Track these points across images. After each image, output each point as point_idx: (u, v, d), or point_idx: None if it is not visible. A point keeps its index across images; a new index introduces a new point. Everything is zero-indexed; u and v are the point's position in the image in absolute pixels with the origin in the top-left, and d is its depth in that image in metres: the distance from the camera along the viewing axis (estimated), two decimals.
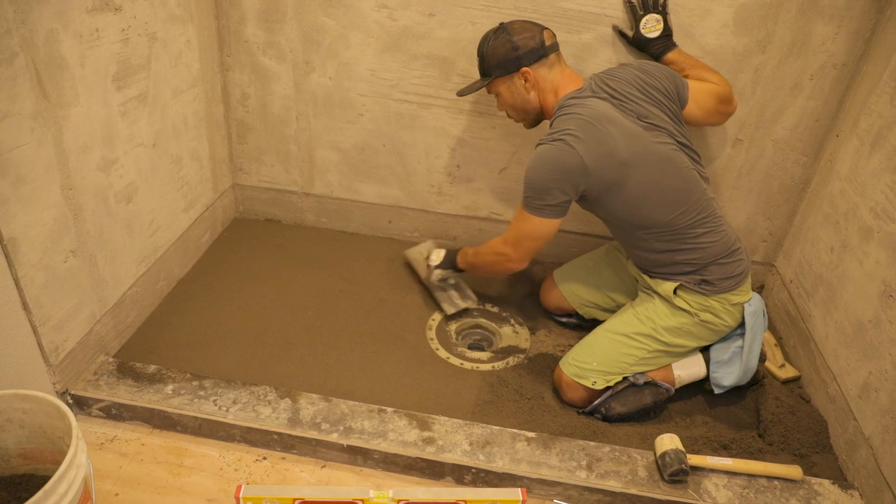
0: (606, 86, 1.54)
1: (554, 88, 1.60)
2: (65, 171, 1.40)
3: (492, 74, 1.63)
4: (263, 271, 2.10)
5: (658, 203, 1.52)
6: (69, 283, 1.48)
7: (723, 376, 1.64)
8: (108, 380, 1.58)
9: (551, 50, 1.59)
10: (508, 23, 1.62)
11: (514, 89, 1.63)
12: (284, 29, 1.98)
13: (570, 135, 1.47)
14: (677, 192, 1.52)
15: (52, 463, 1.26)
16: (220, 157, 2.17)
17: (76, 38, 1.38)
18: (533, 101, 1.63)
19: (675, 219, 1.53)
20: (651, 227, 1.55)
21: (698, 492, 1.43)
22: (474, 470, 1.45)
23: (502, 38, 1.59)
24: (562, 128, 1.49)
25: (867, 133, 1.69)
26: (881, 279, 1.54)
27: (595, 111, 1.49)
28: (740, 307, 1.60)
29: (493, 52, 1.60)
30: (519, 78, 1.60)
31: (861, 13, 1.70)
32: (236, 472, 1.46)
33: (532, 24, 1.60)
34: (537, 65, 1.58)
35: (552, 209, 1.53)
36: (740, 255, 1.60)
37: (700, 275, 1.57)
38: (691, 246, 1.56)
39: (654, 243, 1.58)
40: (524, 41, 1.57)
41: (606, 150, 1.46)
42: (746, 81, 1.84)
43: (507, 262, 1.67)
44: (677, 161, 1.52)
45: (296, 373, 1.71)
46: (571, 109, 1.51)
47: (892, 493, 1.37)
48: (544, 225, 1.56)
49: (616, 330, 1.65)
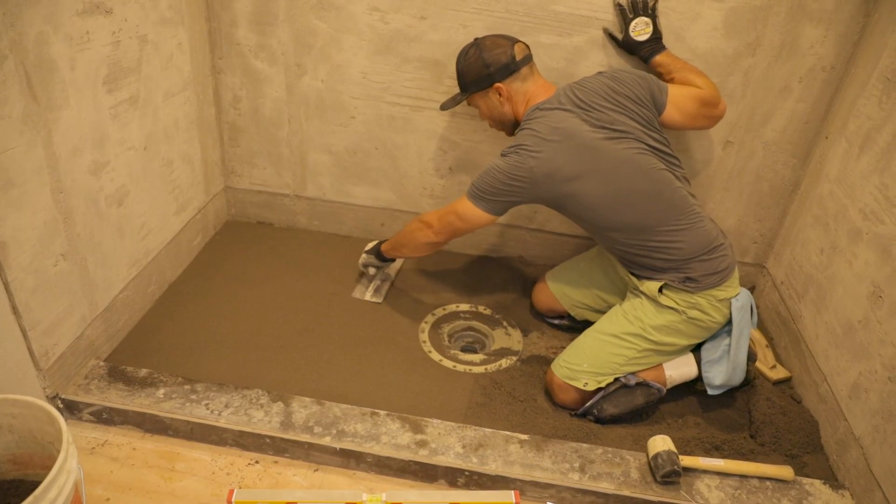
0: (574, 96, 1.59)
1: (526, 99, 1.67)
2: (55, 175, 1.40)
3: (468, 90, 1.71)
4: (255, 274, 2.09)
5: (622, 206, 1.56)
6: (59, 287, 1.47)
7: (714, 375, 1.65)
8: (98, 384, 1.57)
9: (523, 64, 1.65)
10: (482, 39, 1.68)
11: (490, 103, 1.70)
12: (276, 32, 1.97)
13: (524, 149, 1.55)
14: (643, 194, 1.55)
15: (43, 468, 1.25)
16: (211, 160, 2.16)
17: (66, 40, 1.37)
18: (508, 113, 1.70)
19: (643, 219, 1.57)
20: (619, 228, 1.60)
21: (690, 493, 1.43)
22: (467, 473, 1.44)
23: (474, 56, 1.66)
24: (519, 142, 1.57)
25: (856, 135, 1.70)
26: (870, 280, 1.55)
27: (553, 126, 1.55)
28: (727, 303, 1.60)
29: (468, 69, 1.68)
30: (493, 93, 1.67)
31: (849, 17, 1.72)
32: (228, 476, 1.45)
33: (504, 40, 1.66)
34: (510, 79, 1.65)
35: (490, 204, 1.61)
36: (723, 251, 1.61)
37: (683, 272, 1.58)
38: (665, 244, 1.58)
39: (627, 243, 1.62)
40: (495, 58, 1.64)
41: (554, 167, 1.53)
42: (736, 84, 1.86)
43: (426, 231, 1.75)
44: (644, 164, 1.55)
45: (288, 376, 1.70)
46: (531, 124, 1.58)
47: (882, 492, 1.38)
48: (476, 213, 1.64)
49: (605, 331, 1.66)
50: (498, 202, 1.61)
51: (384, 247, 1.94)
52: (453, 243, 2.28)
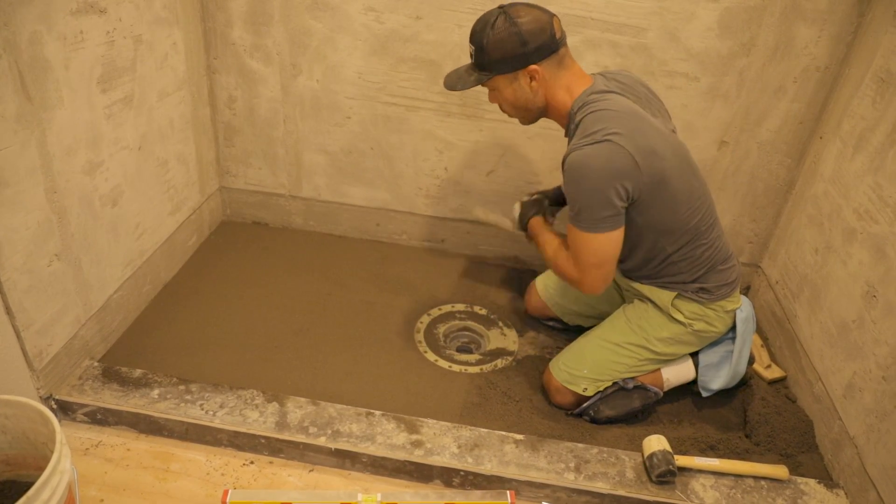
0: (618, 83, 1.45)
1: (566, 85, 1.43)
2: (49, 174, 1.39)
3: (493, 70, 1.42)
4: (251, 275, 2.09)
5: (687, 203, 1.45)
6: (53, 287, 1.47)
7: (710, 380, 1.65)
8: (93, 384, 1.56)
9: (562, 42, 1.41)
10: (510, 6, 1.39)
11: (518, 87, 1.44)
12: (271, 32, 1.97)
13: (614, 133, 1.32)
14: (698, 192, 1.47)
15: (36, 469, 1.24)
16: (206, 160, 2.16)
17: (60, 40, 1.37)
18: (538, 101, 1.46)
19: (696, 221, 1.47)
20: (675, 231, 1.47)
21: (686, 492, 1.44)
22: (463, 473, 1.44)
23: (507, 29, 1.36)
24: (600, 127, 1.33)
25: (850, 135, 1.71)
26: (864, 280, 1.55)
27: (627, 107, 1.38)
28: (732, 314, 1.60)
29: (497, 45, 1.38)
30: (524, 76, 1.42)
31: (843, 17, 1.72)
32: (223, 476, 1.44)
33: (541, 11, 1.39)
34: (548, 61, 1.40)
35: (613, 220, 1.36)
36: (733, 262, 1.60)
37: (699, 283, 1.55)
38: (700, 252, 1.50)
39: (667, 251, 1.51)
40: (534, 34, 1.36)
41: (650, 147, 1.35)
42: (731, 84, 1.86)
43: (580, 286, 1.49)
44: (693, 160, 1.48)
45: (283, 376, 1.70)
46: (600, 106, 1.37)
47: (876, 491, 1.39)
48: (610, 241, 1.38)
49: (607, 338, 1.63)
50: (617, 214, 1.36)
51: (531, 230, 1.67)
52: (449, 244, 2.29)
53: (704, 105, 1.91)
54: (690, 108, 1.92)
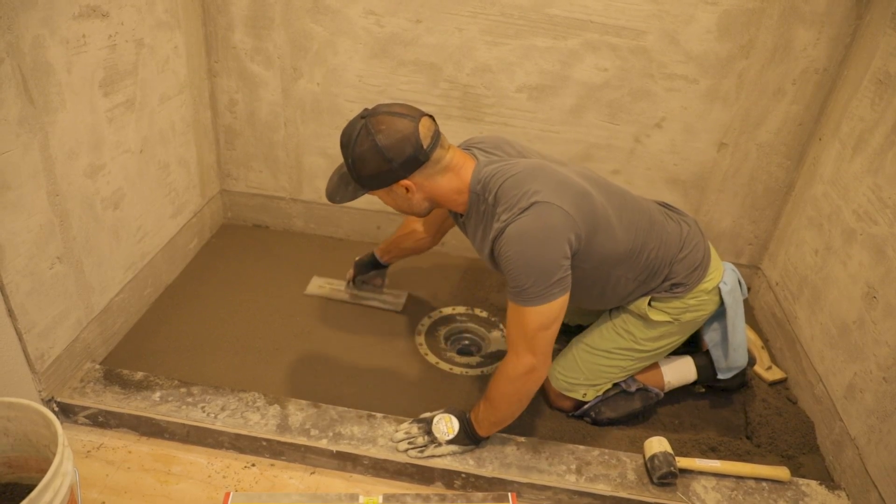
0: (493, 147, 1.43)
1: (451, 179, 1.36)
2: (51, 178, 1.40)
3: (365, 186, 1.34)
4: (251, 277, 2.09)
5: (619, 222, 1.41)
6: (55, 290, 1.47)
7: (719, 356, 1.64)
8: (94, 387, 1.56)
9: (433, 148, 1.30)
10: (373, 115, 1.29)
11: (397, 196, 1.37)
12: (272, 35, 1.98)
13: (535, 192, 1.28)
14: (619, 203, 1.44)
15: (38, 471, 1.24)
16: (207, 163, 2.16)
17: (63, 44, 1.37)
18: (423, 203, 1.39)
19: (634, 232, 1.44)
20: (622, 255, 1.43)
21: (687, 494, 1.44)
22: (464, 475, 1.44)
23: (369, 145, 1.27)
24: (521, 192, 1.29)
25: (849, 137, 1.71)
26: (864, 281, 1.56)
27: (529, 164, 1.35)
28: (717, 290, 1.55)
29: (363, 162, 1.29)
30: (399, 188, 1.34)
31: (841, 19, 1.73)
32: (225, 479, 1.45)
33: (404, 120, 1.28)
34: (418, 173, 1.31)
35: (563, 282, 1.30)
36: (693, 239, 1.52)
37: (668, 280, 1.51)
38: (651, 259, 1.47)
39: (626, 276, 1.48)
40: (396, 150, 1.27)
41: (572, 191, 1.32)
42: (731, 86, 1.87)
43: (534, 374, 1.34)
44: (598, 176, 1.47)
45: (284, 379, 1.70)
46: (506, 173, 1.33)
47: (878, 492, 1.39)
48: (556, 306, 1.30)
49: (597, 346, 1.61)
50: (564, 277, 1.29)
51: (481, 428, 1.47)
52: (450, 246, 2.29)
53: (704, 107, 1.91)
54: (690, 111, 1.92)
